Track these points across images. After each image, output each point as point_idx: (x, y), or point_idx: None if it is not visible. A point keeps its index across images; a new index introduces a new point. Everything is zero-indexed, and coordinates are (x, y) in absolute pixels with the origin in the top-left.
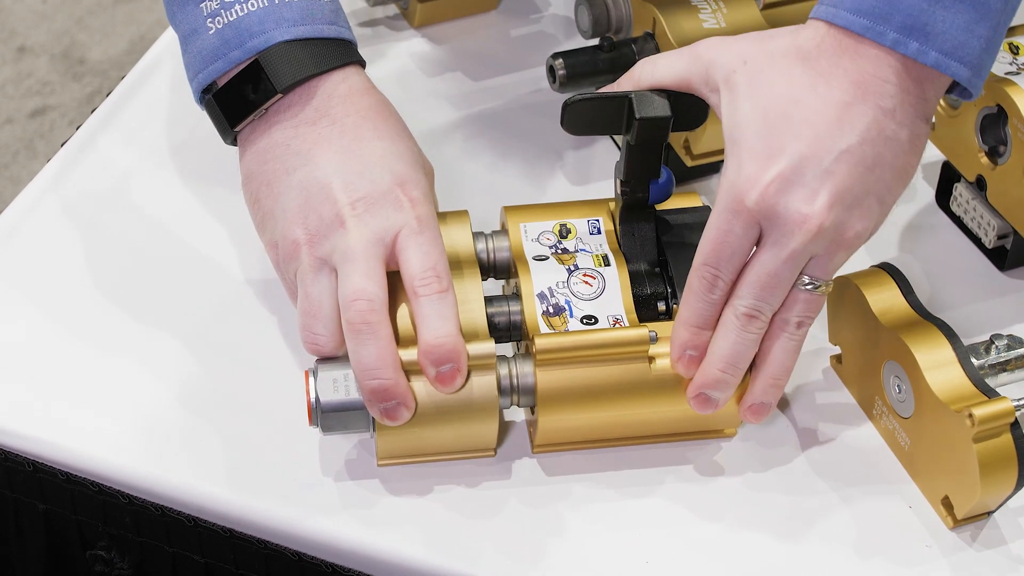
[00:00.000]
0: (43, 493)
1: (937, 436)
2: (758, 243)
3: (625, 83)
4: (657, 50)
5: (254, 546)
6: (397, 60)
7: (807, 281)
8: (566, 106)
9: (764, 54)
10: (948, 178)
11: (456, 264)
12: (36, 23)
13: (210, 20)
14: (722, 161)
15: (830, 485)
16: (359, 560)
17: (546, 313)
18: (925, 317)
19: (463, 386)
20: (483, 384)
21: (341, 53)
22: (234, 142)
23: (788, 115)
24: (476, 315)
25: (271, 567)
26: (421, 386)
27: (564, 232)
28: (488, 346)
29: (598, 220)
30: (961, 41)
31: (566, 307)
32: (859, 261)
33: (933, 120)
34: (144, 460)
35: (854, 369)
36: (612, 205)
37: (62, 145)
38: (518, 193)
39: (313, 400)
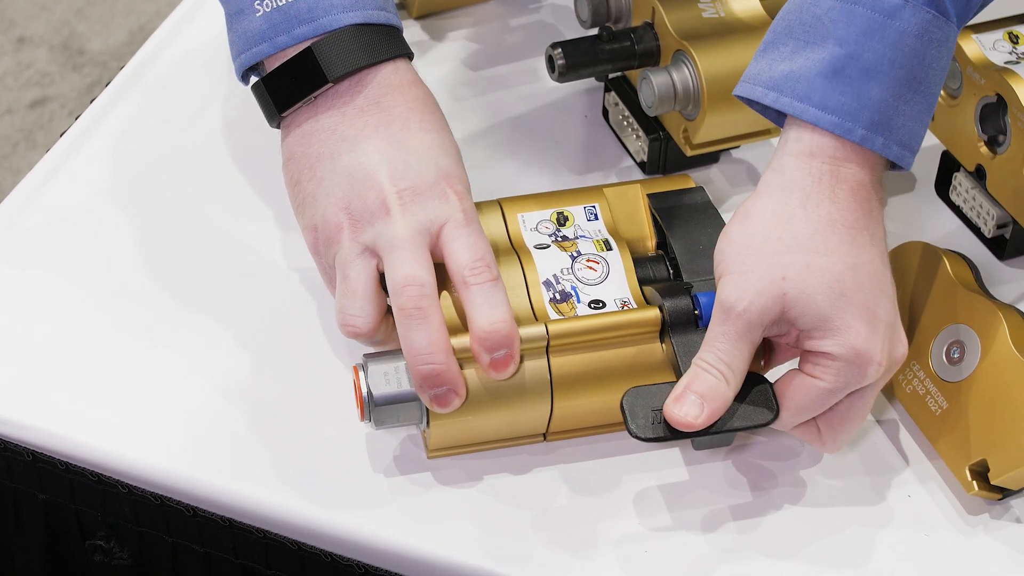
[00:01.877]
0: (42, 483)
1: (996, 395)
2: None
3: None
4: (656, 40)
5: (253, 535)
6: None
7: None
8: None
9: (796, 250)
10: (947, 167)
11: (502, 251)
12: (36, 14)
13: (258, 3)
14: (721, 151)
15: (831, 473)
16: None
17: (553, 300)
18: (988, 294)
19: (515, 372)
20: (534, 368)
21: (391, 44)
22: (278, 125)
23: (861, 285)
24: (520, 301)
25: (271, 556)
26: (472, 373)
27: (562, 220)
28: (538, 329)
29: (594, 206)
30: (914, 132)
31: (573, 293)
32: None
33: None
34: (145, 450)
35: None
36: (606, 191)
37: (61, 135)
38: (517, 182)
39: (365, 394)
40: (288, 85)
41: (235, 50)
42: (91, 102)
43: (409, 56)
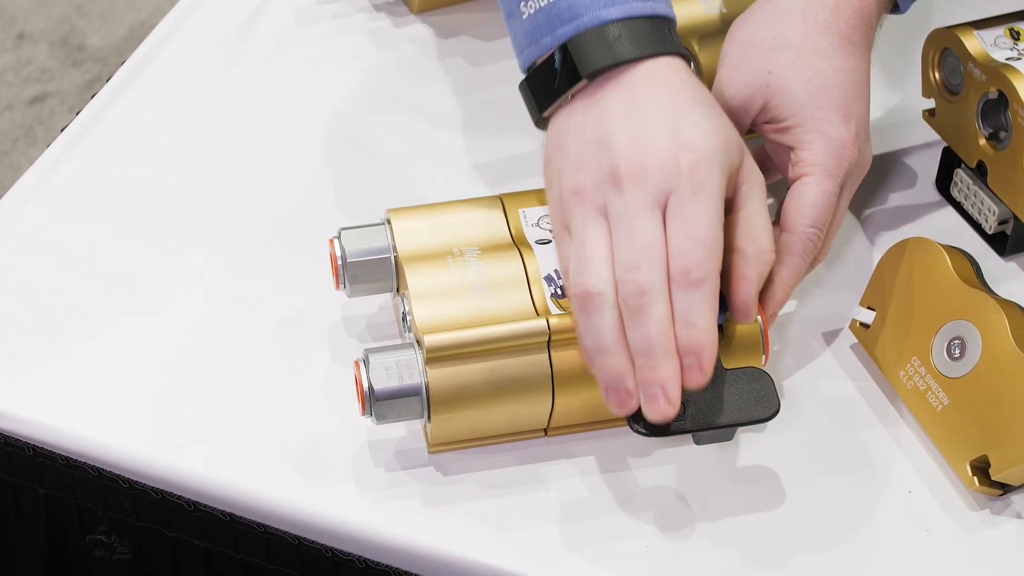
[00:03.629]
0: (43, 477)
1: (997, 391)
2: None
3: None
4: None
5: (254, 531)
6: (397, 46)
7: None
8: None
9: (784, 48)
10: (948, 164)
11: (493, 248)
12: (35, 10)
13: (523, 4)
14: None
15: (831, 468)
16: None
17: (555, 295)
18: (989, 290)
19: (705, 384)
20: (536, 362)
21: (655, 39)
22: (544, 127)
23: (843, 83)
24: (522, 296)
25: (271, 551)
26: (476, 367)
27: None
28: (539, 323)
29: None
30: None
31: None
32: (862, 248)
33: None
34: (147, 445)
35: (890, 331)
36: None
37: (61, 131)
38: (518, 178)
39: (367, 389)
40: (545, 85)
41: (515, 53)
42: (91, 98)
43: (680, 54)
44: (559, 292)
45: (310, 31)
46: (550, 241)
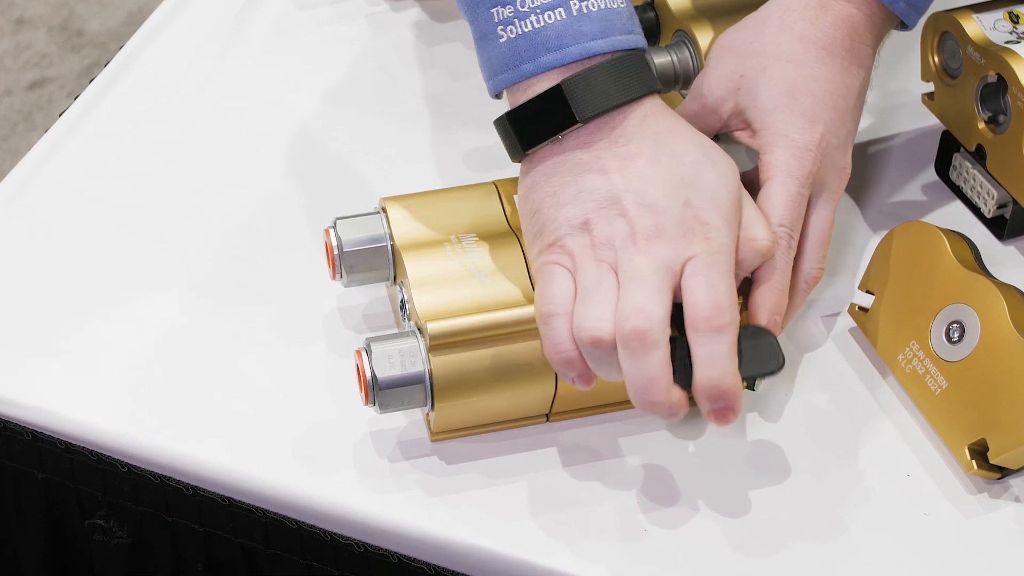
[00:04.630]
0: (42, 462)
1: (996, 375)
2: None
3: None
4: (656, 21)
5: (253, 514)
6: (396, 30)
7: None
8: None
9: (758, 55)
10: (947, 148)
11: (492, 234)
12: None
13: (501, 28)
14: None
15: (830, 452)
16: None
17: None
18: (988, 274)
19: (734, 420)
20: (538, 347)
21: (642, 79)
22: (520, 160)
23: (813, 91)
24: (522, 281)
25: (270, 535)
26: (479, 353)
27: None
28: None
29: None
30: None
31: None
32: (861, 232)
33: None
34: (145, 429)
35: (888, 315)
36: None
37: (60, 116)
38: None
39: (370, 378)
40: (533, 123)
41: (485, 75)
42: (90, 83)
43: (659, 90)
44: None
45: (308, 16)
46: None
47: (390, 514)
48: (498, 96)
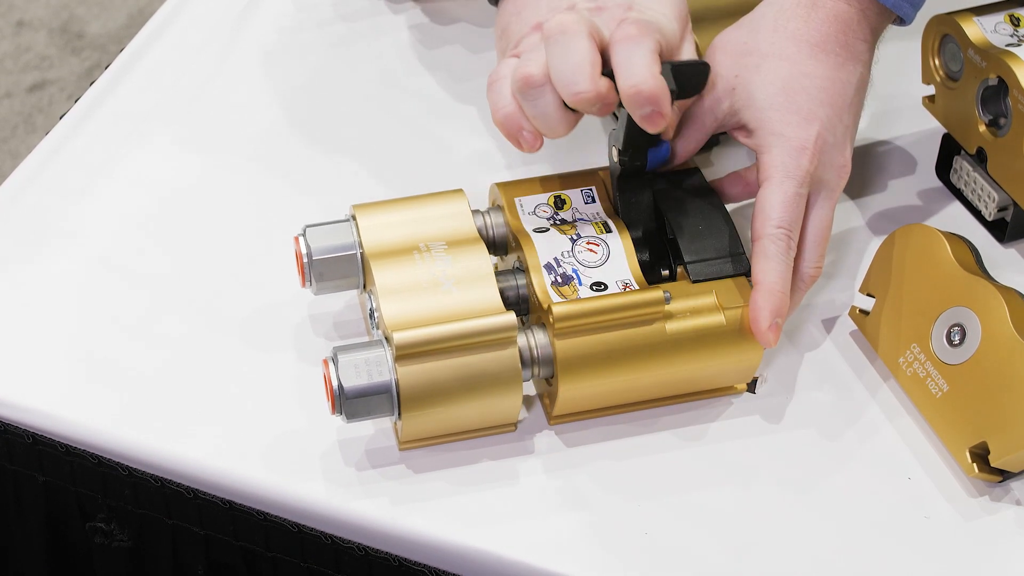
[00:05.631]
0: (42, 465)
1: (997, 377)
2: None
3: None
4: None
5: (253, 518)
6: (396, 32)
7: None
8: None
9: (752, 53)
10: (948, 150)
11: (460, 242)
12: None
13: None
14: (721, 135)
15: (830, 455)
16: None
17: (555, 283)
18: (989, 277)
19: (665, 127)
20: (505, 357)
21: None
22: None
23: (807, 88)
24: (489, 290)
25: (271, 539)
26: (446, 363)
27: (559, 203)
28: (508, 318)
29: (591, 189)
30: None
31: (574, 276)
32: (862, 235)
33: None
34: (144, 432)
35: (889, 318)
36: (603, 174)
37: (60, 119)
38: (515, 165)
39: (336, 387)
40: None
41: None
42: (90, 85)
43: None
44: (559, 280)
45: (308, 18)
46: (548, 229)
47: (390, 515)
48: None
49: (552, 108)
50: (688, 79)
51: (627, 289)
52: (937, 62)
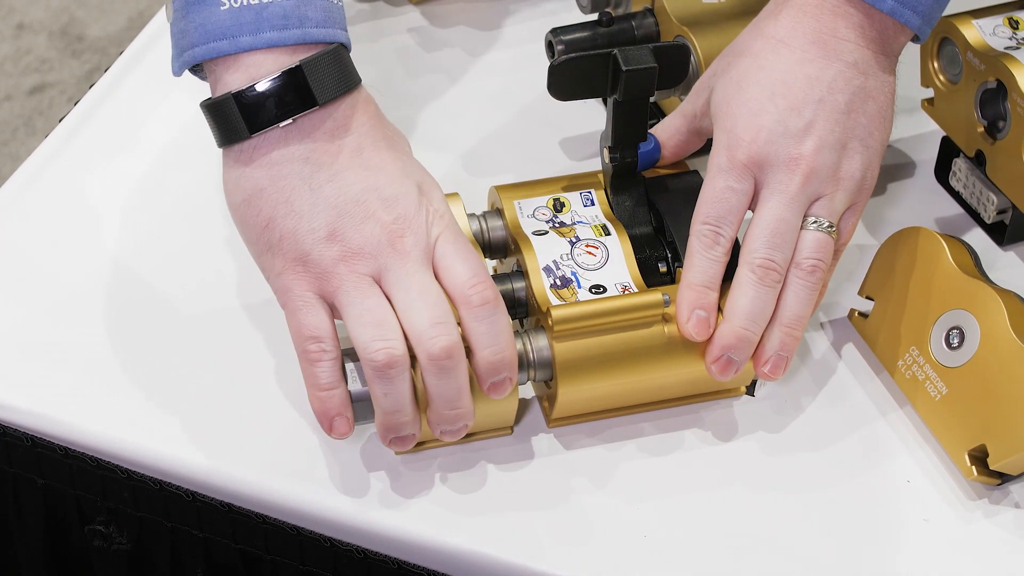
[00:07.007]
0: (41, 468)
1: (996, 380)
2: (755, 199)
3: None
4: (656, 26)
5: (253, 521)
6: (395, 36)
7: (812, 219)
8: (552, 69)
9: (729, 54)
10: (947, 153)
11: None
12: (35, 0)
13: None
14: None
15: (829, 459)
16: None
17: (554, 286)
18: (988, 280)
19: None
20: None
21: (353, 72)
22: (228, 145)
23: (760, 81)
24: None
25: (270, 541)
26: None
27: (558, 206)
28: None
29: (590, 192)
30: None
31: (573, 279)
32: (861, 238)
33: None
34: (144, 435)
35: (888, 321)
36: (600, 177)
37: (60, 121)
38: (514, 168)
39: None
40: (264, 105)
41: (186, 41)
42: (90, 88)
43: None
44: (558, 283)
45: None
46: (547, 232)
47: (390, 518)
48: (193, 69)
49: (404, 389)
50: (670, 58)
51: (626, 292)
52: (936, 65)
